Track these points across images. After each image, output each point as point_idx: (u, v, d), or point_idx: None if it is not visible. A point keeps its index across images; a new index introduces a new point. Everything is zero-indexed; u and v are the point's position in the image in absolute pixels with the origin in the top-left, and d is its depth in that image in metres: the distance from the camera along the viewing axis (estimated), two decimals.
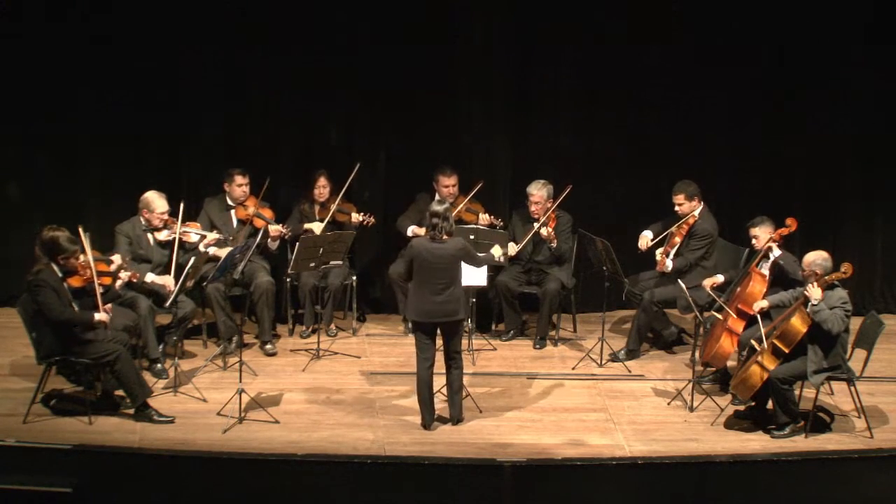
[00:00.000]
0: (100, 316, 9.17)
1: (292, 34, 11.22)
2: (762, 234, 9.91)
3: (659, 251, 10.58)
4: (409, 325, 11.09)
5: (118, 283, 9.54)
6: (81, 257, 9.24)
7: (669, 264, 10.53)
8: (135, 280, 9.76)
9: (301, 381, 10.16)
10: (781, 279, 9.78)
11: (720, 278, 10.33)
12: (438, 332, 9.30)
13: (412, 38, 11.29)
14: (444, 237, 9.15)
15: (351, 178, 10.91)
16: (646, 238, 10.66)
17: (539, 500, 8.09)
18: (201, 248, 10.25)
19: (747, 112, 11.56)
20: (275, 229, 10.69)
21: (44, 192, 11.25)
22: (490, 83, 11.52)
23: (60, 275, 9.14)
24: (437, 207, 9.19)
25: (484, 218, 10.96)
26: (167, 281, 10.05)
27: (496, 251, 9.78)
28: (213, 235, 10.42)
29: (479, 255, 9.49)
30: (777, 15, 11.32)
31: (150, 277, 10.09)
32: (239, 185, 10.77)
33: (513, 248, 10.80)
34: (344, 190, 10.94)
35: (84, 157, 11.33)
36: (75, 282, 9.21)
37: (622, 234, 11.02)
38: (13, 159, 11.34)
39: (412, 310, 9.28)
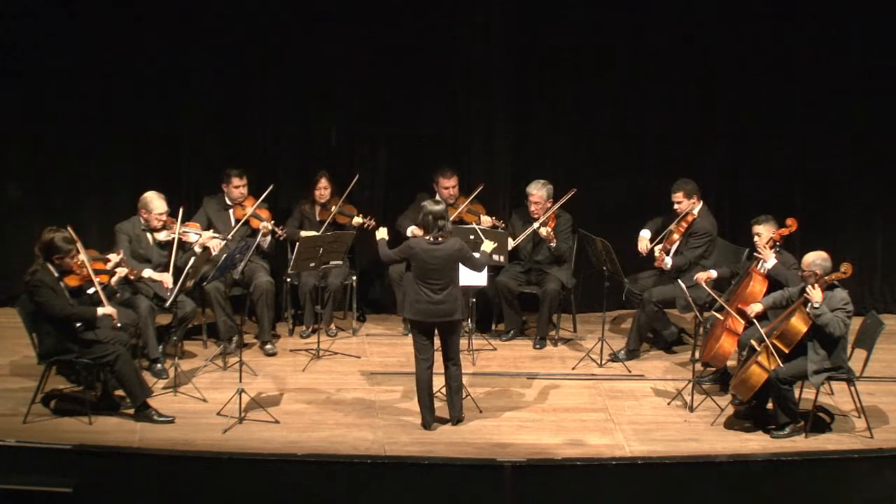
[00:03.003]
0: (104, 310, 9.15)
1: (292, 34, 11.22)
2: (765, 232, 9.89)
3: (657, 248, 10.57)
4: (408, 324, 11.13)
5: (115, 278, 9.54)
6: (79, 257, 9.24)
7: (668, 261, 10.53)
8: (132, 277, 9.76)
9: (301, 381, 10.16)
10: (777, 287, 9.76)
11: (714, 273, 10.33)
12: (436, 332, 9.30)
13: (412, 38, 11.29)
14: (442, 238, 9.14)
15: (351, 187, 10.90)
16: (644, 240, 10.65)
17: (539, 500, 8.08)
18: (196, 248, 10.24)
19: (747, 111, 11.55)
20: (266, 227, 10.64)
21: (44, 192, 11.25)
22: (490, 83, 11.52)
23: (57, 275, 9.14)
24: (434, 208, 9.17)
25: (486, 220, 10.96)
26: (165, 278, 10.04)
27: (487, 246, 9.63)
28: (208, 234, 10.42)
29: (476, 256, 9.38)
30: (776, 16, 11.32)
31: (149, 273, 10.09)
32: (236, 187, 10.76)
33: (510, 243, 10.75)
34: (348, 191, 10.93)
35: (84, 157, 11.33)
36: (72, 281, 9.22)
37: (622, 234, 10.99)
38: (13, 159, 11.35)
39: (409, 310, 9.27)
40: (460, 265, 9.25)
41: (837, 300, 9.15)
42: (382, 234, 9.58)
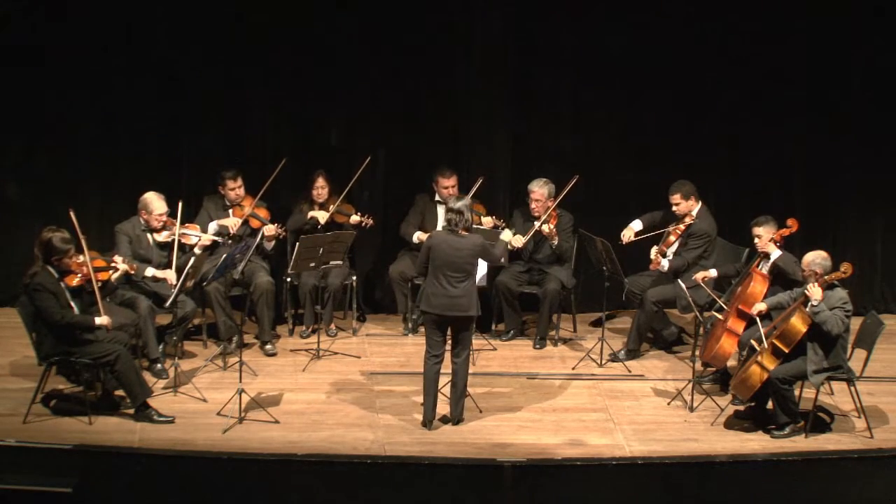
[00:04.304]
0: (101, 320, 9.15)
1: (292, 34, 11.22)
2: (765, 234, 9.90)
3: (654, 250, 10.56)
4: (410, 324, 11.13)
5: (115, 275, 9.53)
6: (81, 257, 9.24)
7: (665, 264, 10.52)
8: (132, 272, 9.75)
9: (301, 381, 10.16)
10: (781, 280, 9.79)
11: (713, 272, 10.33)
12: (449, 328, 9.31)
13: (412, 37, 11.30)
14: (462, 232, 9.17)
15: (361, 169, 10.88)
16: (631, 231, 10.62)
17: (539, 500, 8.09)
18: (196, 250, 10.23)
19: (747, 112, 11.56)
20: (270, 229, 10.68)
21: (44, 193, 11.25)
22: (490, 83, 11.52)
23: (57, 276, 9.14)
24: (455, 204, 9.26)
25: (487, 221, 10.95)
26: (168, 275, 10.04)
27: (506, 235, 9.85)
28: (208, 236, 10.41)
29: (492, 250, 9.49)
30: (776, 15, 11.33)
31: (151, 272, 10.08)
32: (231, 189, 10.75)
33: (519, 240, 10.74)
34: (347, 189, 10.93)
35: (84, 157, 11.32)
36: (72, 280, 9.21)
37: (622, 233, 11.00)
38: (13, 159, 11.35)
39: (426, 302, 9.27)
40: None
41: (836, 299, 9.16)
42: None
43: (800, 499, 8.22)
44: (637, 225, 10.69)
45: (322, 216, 10.86)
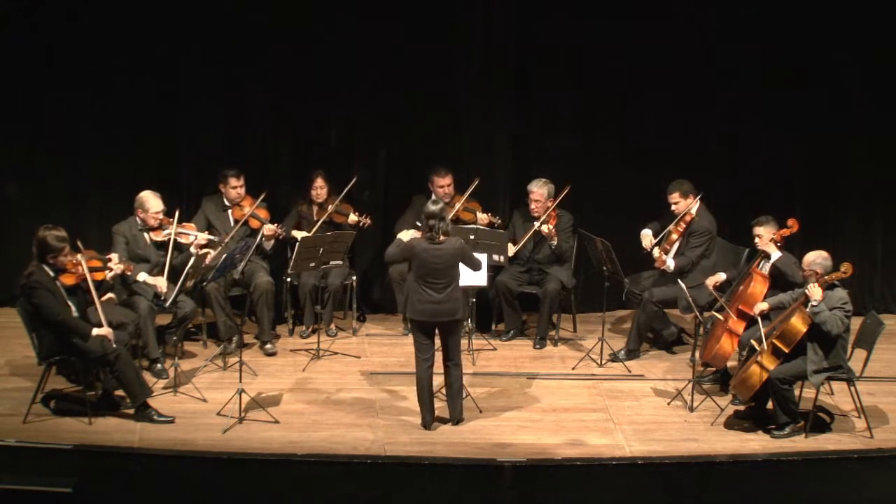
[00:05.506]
0: (98, 331, 9.12)
1: (292, 34, 11.22)
2: (765, 234, 9.91)
3: (657, 249, 10.58)
4: (409, 324, 11.13)
5: (110, 274, 9.52)
6: (78, 256, 9.23)
7: (671, 263, 10.53)
8: (129, 272, 9.75)
9: (301, 381, 10.16)
10: (780, 282, 9.79)
11: (722, 276, 10.33)
12: (437, 332, 9.31)
13: (412, 37, 11.30)
14: (442, 237, 9.16)
15: (349, 186, 10.91)
16: (648, 237, 10.66)
17: (539, 500, 8.09)
18: (192, 249, 10.22)
19: (747, 111, 11.56)
20: (269, 229, 10.68)
21: (44, 193, 11.25)
22: (490, 82, 11.53)
23: (52, 274, 9.13)
24: (432, 208, 9.19)
25: (482, 217, 10.96)
26: (159, 282, 10.02)
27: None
28: (204, 236, 10.40)
29: (475, 255, 9.43)
30: (776, 14, 11.33)
31: (143, 277, 10.07)
32: (233, 188, 10.75)
33: (511, 249, 10.79)
34: (347, 190, 10.94)
35: (84, 158, 11.33)
36: (67, 279, 9.18)
37: (622, 233, 11.00)
38: (13, 159, 11.35)
39: (411, 309, 9.28)
40: (461, 264, 9.27)
41: (836, 299, 9.16)
42: (406, 235, 9.90)
43: (800, 499, 8.22)
44: (649, 232, 10.69)
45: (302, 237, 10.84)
